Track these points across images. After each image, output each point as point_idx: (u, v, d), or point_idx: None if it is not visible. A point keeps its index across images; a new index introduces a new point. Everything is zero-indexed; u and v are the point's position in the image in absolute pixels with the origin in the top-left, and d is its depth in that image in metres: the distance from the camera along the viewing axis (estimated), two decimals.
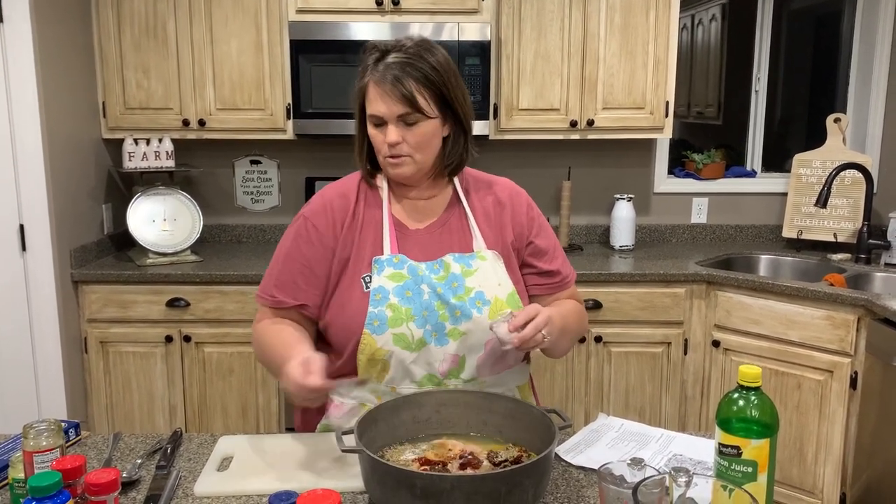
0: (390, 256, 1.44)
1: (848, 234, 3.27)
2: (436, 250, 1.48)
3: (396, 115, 1.38)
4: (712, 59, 4.85)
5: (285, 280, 1.48)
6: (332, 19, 2.99)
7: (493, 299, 1.44)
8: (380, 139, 1.42)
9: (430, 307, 1.42)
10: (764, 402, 1.07)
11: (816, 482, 2.74)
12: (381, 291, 1.42)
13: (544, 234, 1.57)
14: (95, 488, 1.05)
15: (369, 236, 1.48)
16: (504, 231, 1.52)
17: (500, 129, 3.14)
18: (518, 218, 1.55)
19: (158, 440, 1.46)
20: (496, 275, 1.47)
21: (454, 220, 1.52)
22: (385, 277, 1.43)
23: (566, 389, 3.00)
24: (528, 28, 3.08)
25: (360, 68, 1.44)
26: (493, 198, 1.55)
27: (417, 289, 1.43)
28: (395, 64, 1.38)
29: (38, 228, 2.77)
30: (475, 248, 1.49)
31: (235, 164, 3.46)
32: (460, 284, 1.44)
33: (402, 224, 1.50)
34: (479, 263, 1.47)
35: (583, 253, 3.33)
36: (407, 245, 1.48)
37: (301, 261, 1.47)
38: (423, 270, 1.44)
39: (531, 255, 1.55)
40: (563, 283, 1.57)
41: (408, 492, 1.06)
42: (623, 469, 1.07)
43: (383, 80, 1.38)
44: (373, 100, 1.40)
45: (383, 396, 1.45)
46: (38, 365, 2.82)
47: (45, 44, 2.75)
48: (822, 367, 2.68)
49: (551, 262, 1.55)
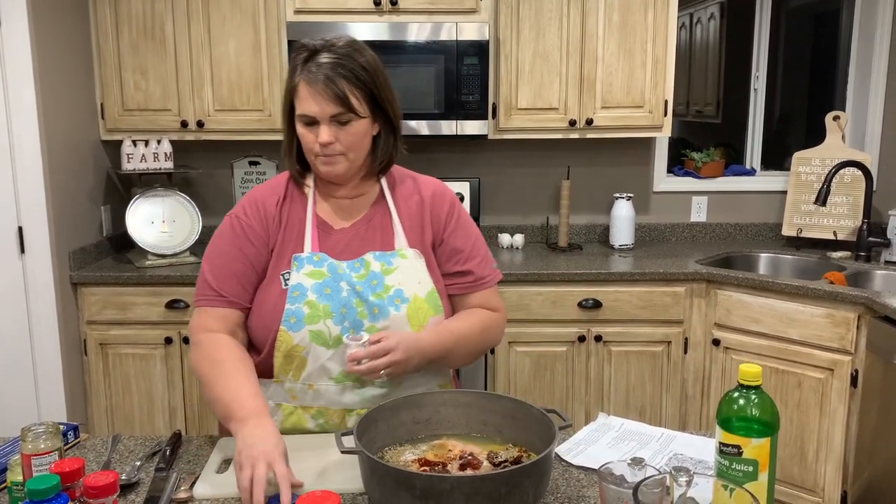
0: (310, 254, 1.46)
1: (848, 232, 3.27)
2: (358, 248, 1.50)
3: (329, 115, 1.39)
4: (711, 58, 4.85)
5: (228, 279, 1.46)
6: (330, 20, 2.99)
7: (413, 297, 1.46)
8: (310, 138, 1.42)
9: (348, 304, 1.43)
10: (764, 401, 1.06)
11: (817, 480, 2.74)
12: (299, 288, 1.42)
13: (461, 234, 1.56)
14: (94, 491, 1.04)
15: (292, 234, 1.49)
16: (425, 230, 1.54)
17: (498, 128, 3.14)
18: (437, 217, 1.55)
19: (158, 442, 1.45)
20: (416, 273, 1.48)
21: (378, 218, 1.53)
22: (304, 274, 1.44)
23: (566, 389, 3.00)
24: (526, 27, 3.07)
25: (290, 68, 1.44)
26: (418, 197, 1.56)
27: (336, 286, 1.44)
28: (327, 64, 1.39)
29: (36, 230, 2.76)
30: (397, 247, 1.50)
31: (234, 165, 3.46)
32: (380, 282, 1.45)
33: (327, 223, 1.51)
34: (399, 262, 1.48)
35: (582, 252, 3.33)
36: (329, 243, 1.49)
37: (242, 260, 1.46)
38: (344, 268, 1.46)
39: (446, 254, 1.55)
40: (476, 284, 1.56)
41: (407, 493, 1.06)
42: (623, 469, 1.07)
43: (315, 80, 1.38)
44: (304, 99, 1.39)
45: (299, 395, 1.46)
46: (38, 367, 2.82)
47: (43, 45, 2.74)
48: (823, 365, 2.67)
49: (465, 263, 1.55)
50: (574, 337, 2.95)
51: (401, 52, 2.98)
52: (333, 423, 1.47)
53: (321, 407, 1.47)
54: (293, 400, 1.47)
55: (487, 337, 1.55)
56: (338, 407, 1.46)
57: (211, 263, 1.48)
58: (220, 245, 1.49)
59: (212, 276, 1.47)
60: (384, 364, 1.34)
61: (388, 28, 2.97)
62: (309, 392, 1.46)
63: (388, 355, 1.35)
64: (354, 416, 1.47)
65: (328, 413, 1.47)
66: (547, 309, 2.93)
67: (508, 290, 2.91)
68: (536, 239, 3.59)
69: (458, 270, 1.55)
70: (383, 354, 1.35)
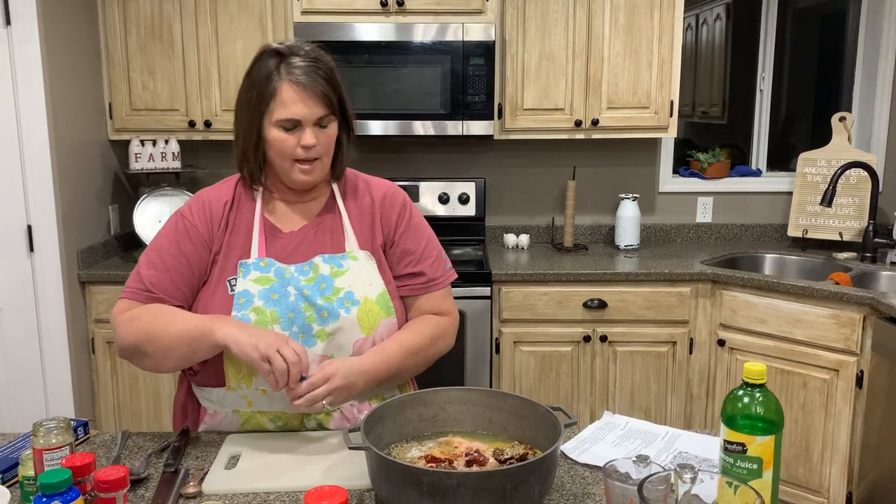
0: (257, 260, 1.44)
1: (853, 233, 3.27)
2: (307, 251, 1.48)
3: (316, 117, 1.39)
4: (717, 59, 4.85)
5: (164, 278, 1.43)
6: (337, 20, 3.00)
7: (363, 299, 1.44)
8: (291, 143, 1.40)
9: (296, 309, 1.41)
10: (769, 399, 1.07)
11: (822, 481, 2.74)
12: (246, 295, 1.40)
13: (413, 235, 1.55)
14: (105, 485, 1.06)
15: (238, 239, 1.47)
16: (375, 231, 1.52)
17: (504, 129, 3.15)
18: (387, 218, 1.54)
19: (166, 438, 1.46)
20: (367, 275, 1.47)
21: (328, 221, 1.52)
22: (250, 281, 1.42)
23: (571, 389, 3.00)
24: (532, 28, 3.08)
25: (261, 74, 1.39)
26: (369, 199, 1.54)
27: (284, 291, 1.42)
28: (308, 67, 1.38)
29: (45, 229, 2.78)
30: (347, 249, 1.49)
31: None
32: (329, 285, 1.43)
33: (276, 227, 1.49)
34: (350, 263, 1.47)
35: (587, 252, 3.33)
36: (277, 247, 1.47)
37: (180, 258, 1.44)
38: (292, 272, 1.44)
39: (397, 255, 1.54)
40: (428, 286, 1.54)
41: (414, 489, 1.07)
42: (628, 466, 1.08)
43: (304, 83, 1.37)
44: (289, 102, 1.37)
45: (255, 401, 1.45)
46: (46, 365, 2.84)
47: (52, 46, 2.76)
48: (828, 365, 2.67)
49: (417, 265, 1.53)
50: (579, 337, 2.96)
51: (407, 52, 2.99)
52: (293, 425, 1.47)
53: (278, 411, 1.46)
54: (249, 406, 1.46)
55: (437, 346, 1.53)
56: (295, 411, 1.45)
57: (147, 258, 1.46)
58: (160, 241, 1.47)
59: (145, 269, 1.44)
60: (324, 392, 1.30)
61: (395, 28, 2.98)
62: (264, 398, 1.44)
63: (328, 383, 1.31)
64: (312, 419, 1.47)
65: (286, 416, 1.47)
66: (552, 309, 2.94)
67: (514, 291, 2.92)
68: (542, 239, 3.60)
69: (410, 272, 1.53)
70: (323, 382, 1.31)
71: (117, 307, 1.45)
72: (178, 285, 1.44)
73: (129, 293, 1.44)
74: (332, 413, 1.48)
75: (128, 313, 1.42)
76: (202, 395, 1.51)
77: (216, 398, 1.47)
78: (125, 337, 1.41)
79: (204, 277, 1.46)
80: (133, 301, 1.43)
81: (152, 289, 1.42)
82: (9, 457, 1.34)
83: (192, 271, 1.45)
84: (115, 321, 1.43)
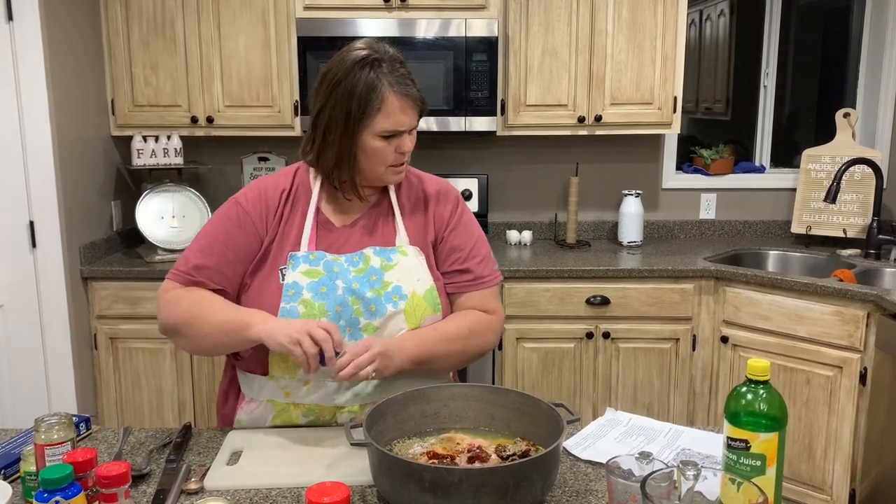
0: (307, 253, 1.45)
1: (857, 230, 3.26)
2: (357, 243, 1.50)
3: (415, 125, 1.45)
4: (720, 55, 4.83)
5: (209, 262, 1.45)
6: (339, 16, 3.00)
7: (411, 294, 1.45)
8: (389, 150, 1.43)
9: (343, 302, 1.42)
10: (772, 396, 1.06)
11: (826, 478, 2.73)
12: (295, 287, 1.42)
13: (463, 233, 1.56)
14: (106, 481, 1.06)
15: (292, 230, 1.48)
16: (427, 228, 1.54)
17: (507, 125, 3.14)
18: (440, 216, 1.55)
19: (168, 434, 1.46)
20: (416, 270, 1.48)
21: (380, 215, 1.54)
22: (300, 273, 1.43)
23: (574, 386, 3.00)
24: (535, 24, 3.07)
25: (360, 82, 1.37)
26: (422, 195, 1.57)
27: (332, 284, 1.43)
28: (403, 75, 1.42)
29: (47, 225, 2.78)
30: (397, 243, 1.50)
31: (243, 161, 3.47)
32: (378, 278, 1.45)
33: (329, 220, 1.51)
34: (399, 258, 1.48)
35: (590, 249, 3.32)
36: (329, 240, 1.49)
37: (228, 244, 1.46)
38: (341, 264, 1.45)
39: (446, 252, 1.55)
40: (474, 283, 1.54)
41: (416, 485, 1.07)
42: (631, 463, 1.07)
43: (406, 94, 1.41)
44: (396, 113, 1.40)
45: (293, 392, 1.46)
46: (49, 361, 2.84)
47: (55, 42, 2.76)
48: (832, 362, 2.67)
49: (464, 262, 1.54)
50: (582, 333, 2.95)
51: (410, 48, 2.98)
52: (324, 420, 1.48)
53: (313, 404, 1.47)
54: (286, 397, 1.47)
55: (476, 340, 1.51)
56: (330, 404, 1.46)
57: (197, 241, 1.49)
58: (211, 225, 1.50)
59: (192, 253, 1.47)
60: (367, 359, 1.31)
61: (398, 24, 2.97)
62: (303, 388, 1.45)
63: (368, 351, 1.32)
64: (346, 413, 1.47)
65: (319, 410, 1.47)
66: (555, 305, 2.93)
67: (516, 287, 2.92)
68: (545, 235, 3.59)
69: (458, 269, 1.54)
70: (364, 351, 1.32)
71: (163, 286, 1.48)
72: (223, 270, 1.46)
73: (174, 275, 1.48)
74: (365, 407, 1.46)
75: (171, 293, 1.46)
76: (244, 381, 1.53)
77: (256, 386, 1.49)
78: (166, 317, 1.45)
79: (252, 263, 1.47)
80: (176, 283, 1.47)
81: (194, 273, 1.45)
82: (10, 452, 1.34)
83: (238, 257, 1.47)
84: (159, 300, 1.47)
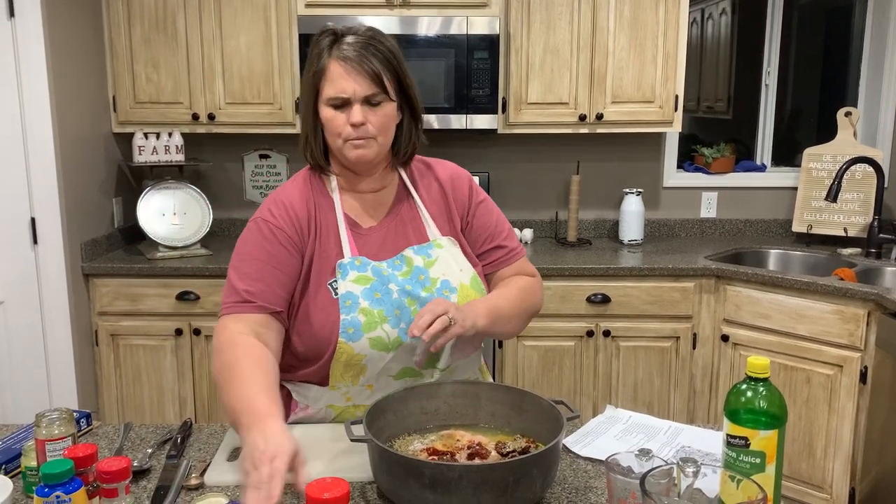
0: (352, 259, 1.41)
1: (858, 229, 3.26)
2: (393, 245, 1.46)
3: (363, 95, 1.35)
4: (722, 53, 4.83)
5: (258, 284, 1.36)
6: (340, 13, 2.99)
7: (459, 285, 1.45)
8: (340, 122, 1.36)
9: (401, 305, 1.40)
10: (772, 393, 1.06)
11: (825, 477, 2.73)
12: (351, 297, 1.38)
13: (485, 212, 1.56)
14: (107, 476, 1.06)
15: (328, 240, 1.43)
16: (452, 215, 1.52)
17: (508, 122, 3.14)
18: (460, 200, 1.54)
19: (169, 430, 1.46)
20: (456, 261, 1.47)
21: (405, 211, 1.50)
22: (351, 282, 1.39)
23: (574, 383, 3.00)
24: (537, 22, 3.07)
25: (313, 52, 1.38)
26: (437, 183, 1.54)
27: (385, 289, 1.41)
28: (358, 43, 1.35)
29: (49, 222, 2.79)
30: (430, 237, 1.48)
31: (245, 158, 3.47)
32: (426, 276, 1.44)
33: (356, 223, 1.47)
34: (437, 252, 1.46)
35: (591, 247, 3.32)
36: (364, 244, 1.45)
37: (273, 263, 1.38)
38: (386, 269, 1.42)
39: (475, 233, 1.55)
40: (510, 257, 1.56)
41: (416, 481, 1.07)
42: (631, 460, 1.07)
43: (349, 59, 1.34)
44: (336, 79, 1.35)
45: (355, 396, 1.45)
46: (50, 357, 2.85)
47: (56, 39, 2.76)
48: (832, 361, 2.67)
49: (495, 239, 1.55)
50: (582, 332, 2.95)
51: (411, 46, 2.98)
52: None
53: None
54: (348, 402, 1.46)
55: (529, 299, 1.53)
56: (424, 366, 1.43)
57: (237, 270, 1.39)
58: (247, 250, 1.40)
59: (239, 282, 1.37)
60: (441, 309, 1.29)
61: (399, 22, 2.97)
62: (366, 391, 1.45)
63: (446, 313, 1.29)
64: None
65: None
66: (555, 303, 2.93)
67: None
68: (545, 233, 3.59)
69: (491, 247, 1.55)
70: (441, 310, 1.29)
71: (218, 325, 1.37)
72: (276, 290, 1.38)
73: (228, 308, 1.37)
74: None
75: (220, 337, 1.34)
76: (297, 390, 1.48)
77: (313, 395, 1.46)
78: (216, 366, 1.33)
79: (297, 280, 1.41)
80: (233, 315, 1.36)
81: (250, 298, 1.36)
82: (11, 447, 1.34)
83: (287, 274, 1.39)
84: (214, 341, 1.36)
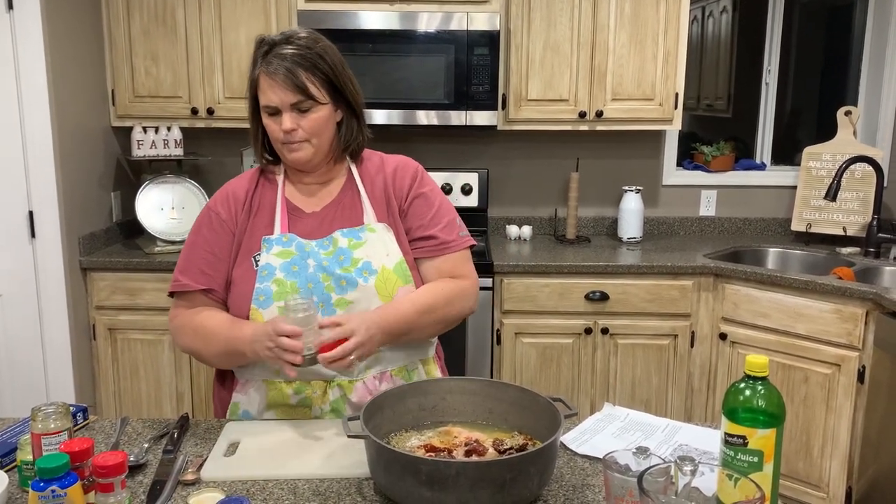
0: (279, 235, 1.52)
1: (857, 228, 3.26)
2: (327, 228, 1.55)
3: (289, 104, 1.46)
4: (722, 51, 4.82)
5: (190, 266, 1.54)
6: (340, 8, 2.99)
7: (381, 268, 1.50)
8: (275, 128, 1.49)
9: (315, 279, 1.48)
10: (770, 392, 1.06)
11: (822, 476, 2.74)
12: (268, 268, 1.49)
13: (423, 202, 1.60)
14: (103, 470, 1.05)
15: (263, 219, 1.55)
16: (390, 203, 1.58)
17: (508, 119, 3.14)
18: (399, 188, 1.60)
19: (165, 425, 1.46)
20: (385, 245, 1.53)
21: (348, 199, 1.58)
22: (273, 255, 1.50)
23: (572, 381, 3.00)
24: (537, 18, 3.06)
25: (251, 62, 1.50)
26: (382, 174, 1.61)
27: (304, 263, 1.49)
28: (285, 55, 1.46)
29: (47, 216, 2.78)
30: (365, 222, 1.55)
31: (243, 152, 3.46)
32: (347, 257, 1.50)
33: (298, 207, 1.57)
34: (368, 235, 1.53)
35: (590, 245, 3.32)
36: (299, 226, 1.55)
37: (205, 246, 1.54)
38: (312, 246, 1.51)
39: (409, 221, 1.59)
40: (440, 248, 1.57)
41: (413, 478, 1.07)
42: (628, 458, 1.07)
43: (274, 72, 1.44)
44: (265, 90, 1.46)
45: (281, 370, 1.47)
46: (47, 351, 2.84)
47: (55, 31, 2.75)
48: (830, 360, 2.67)
49: (427, 229, 1.58)
50: (581, 329, 2.95)
51: (411, 42, 2.97)
52: (316, 396, 1.49)
53: (301, 382, 1.49)
54: (276, 374, 1.49)
55: (454, 307, 1.55)
56: (316, 378, 1.48)
57: (183, 251, 1.58)
58: (191, 235, 1.58)
59: (180, 263, 1.56)
60: (353, 346, 1.33)
61: (399, 18, 2.96)
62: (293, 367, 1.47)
63: (353, 338, 1.34)
64: (335, 388, 1.49)
65: (311, 386, 1.49)
66: (554, 301, 2.93)
67: (515, 282, 2.91)
68: (544, 231, 3.59)
69: (422, 236, 1.58)
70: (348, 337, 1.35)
71: (170, 314, 1.59)
72: (204, 270, 1.53)
73: (171, 287, 1.56)
74: (355, 383, 1.50)
75: (175, 322, 1.56)
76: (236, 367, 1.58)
77: (247, 369, 1.53)
78: (179, 346, 1.58)
79: (230, 259, 1.54)
80: (177, 301, 1.57)
81: (181, 278, 1.54)
82: (7, 441, 1.34)
83: (217, 257, 1.54)
84: (170, 327, 1.59)
